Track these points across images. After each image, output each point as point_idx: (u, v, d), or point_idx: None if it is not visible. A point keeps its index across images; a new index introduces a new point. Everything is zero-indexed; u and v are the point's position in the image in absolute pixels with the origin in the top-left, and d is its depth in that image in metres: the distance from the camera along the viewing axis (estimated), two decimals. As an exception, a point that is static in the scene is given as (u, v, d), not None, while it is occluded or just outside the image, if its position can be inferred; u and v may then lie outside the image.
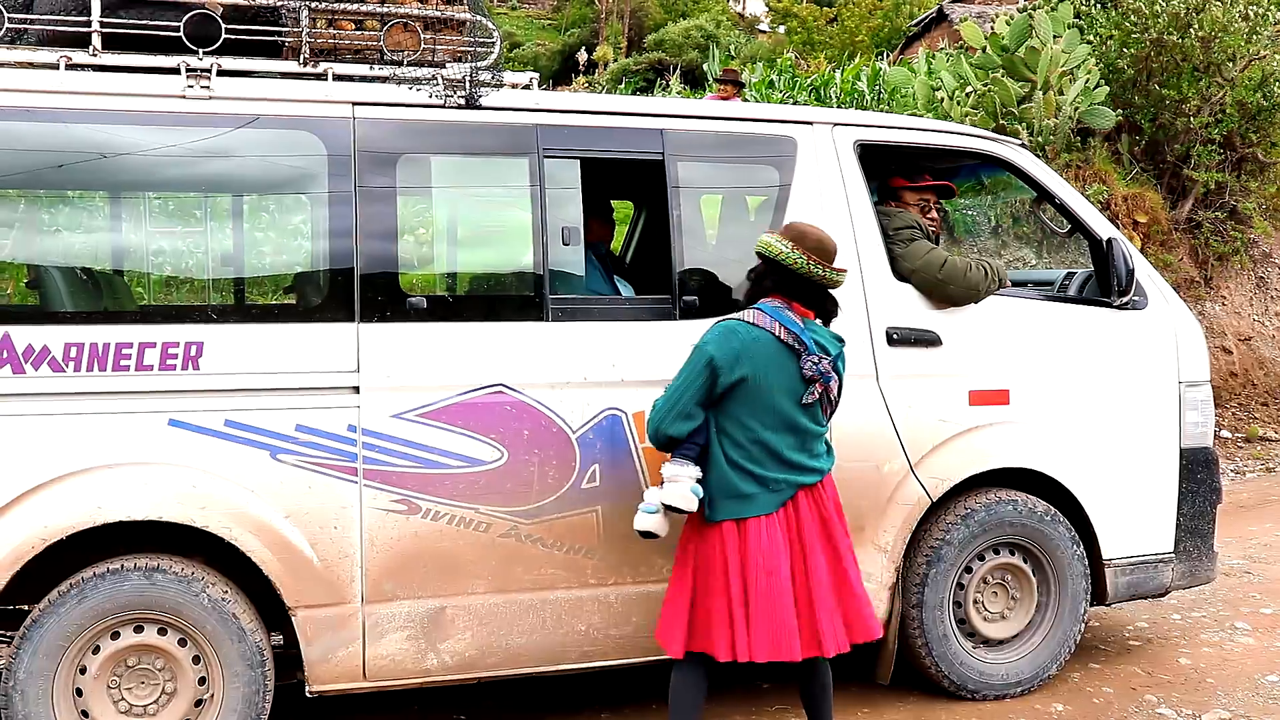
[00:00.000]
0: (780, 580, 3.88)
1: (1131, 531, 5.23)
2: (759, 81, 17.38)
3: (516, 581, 4.37)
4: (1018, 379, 5.01)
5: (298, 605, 4.17)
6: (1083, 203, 5.31)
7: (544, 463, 4.35)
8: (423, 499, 4.23)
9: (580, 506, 4.38)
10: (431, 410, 4.25)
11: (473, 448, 4.28)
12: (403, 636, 4.27)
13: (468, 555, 4.30)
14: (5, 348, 3.89)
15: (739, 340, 3.88)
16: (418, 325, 4.27)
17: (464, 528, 4.28)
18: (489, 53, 4.43)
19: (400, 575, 4.24)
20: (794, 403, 3.92)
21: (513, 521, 4.33)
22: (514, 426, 4.32)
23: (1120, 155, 12.29)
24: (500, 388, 4.32)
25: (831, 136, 4.86)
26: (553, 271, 4.46)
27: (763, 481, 3.91)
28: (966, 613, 5.04)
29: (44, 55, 4.17)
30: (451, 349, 4.29)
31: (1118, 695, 5.18)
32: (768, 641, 3.88)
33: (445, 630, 4.31)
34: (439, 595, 4.29)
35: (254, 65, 4.30)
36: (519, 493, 4.33)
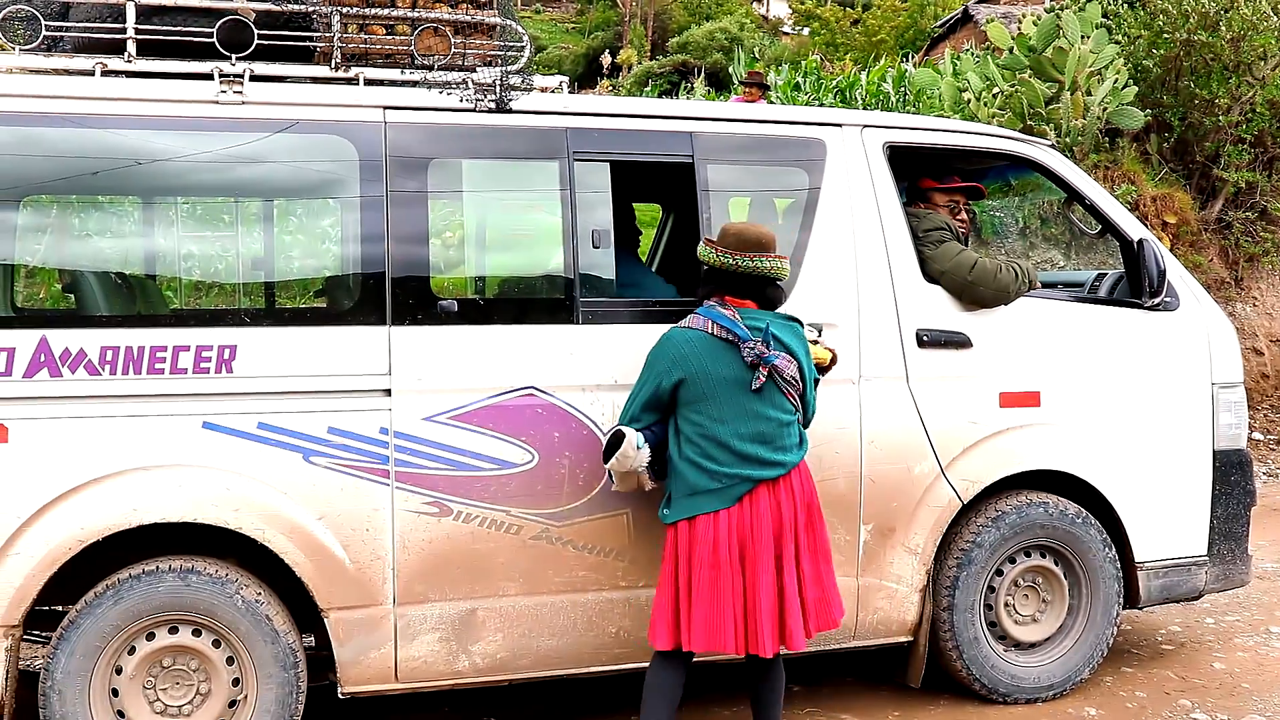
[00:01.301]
0: (721, 574, 3.95)
1: (1164, 534, 5.19)
2: (785, 84, 17.35)
3: (547, 583, 4.38)
4: (1049, 381, 4.98)
5: (330, 607, 4.19)
6: (1113, 203, 5.29)
7: (575, 465, 4.36)
8: (454, 501, 4.25)
9: (611, 509, 4.39)
10: (462, 413, 4.27)
11: (504, 450, 4.29)
12: (434, 638, 4.28)
13: (499, 557, 4.31)
14: (43, 351, 3.93)
15: (672, 345, 4.05)
16: (449, 328, 4.29)
17: (495, 530, 4.29)
18: (519, 57, 4.45)
19: (432, 577, 4.26)
20: (744, 391, 4.00)
21: (544, 524, 4.34)
22: (544, 429, 4.33)
23: (1149, 155, 12.20)
24: (531, 390, 4.33)
25: (860, 138, 4.86)
26: (583, 274, 4.46)
27: (715, 476, 3.98)
28: (997, 615, 5.02)
29: (80, 62, 4.21)
30: (482, 351, 4.31)
31: (1151, 700, 5.14)
32: (703, 631, 3.96)
33: (476, 632, 4.33)
34: (470, 597, 4.31)
35: (286, 70, 4.33)
36: (550, 495, 4.34)
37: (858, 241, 4.76)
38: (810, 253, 4.70)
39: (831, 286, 4.70)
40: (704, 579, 3.96)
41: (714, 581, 3.95)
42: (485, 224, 5.29)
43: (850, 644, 4.81)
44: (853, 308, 4.71)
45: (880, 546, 4.76)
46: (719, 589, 3.95)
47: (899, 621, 4.84)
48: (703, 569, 3.96)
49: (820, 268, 4.70)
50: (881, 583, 4.78)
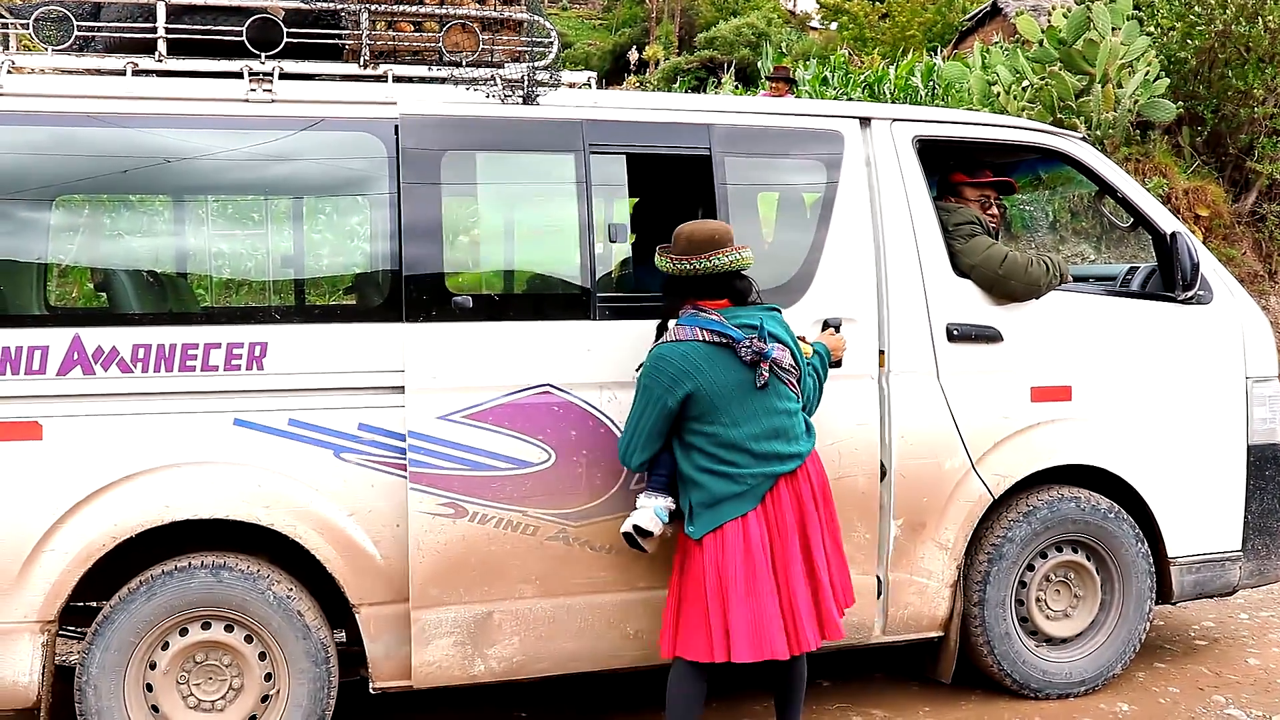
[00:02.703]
0: (759, 579, 3.89)
1: (1198, 529, 5.15)
2: (813, 78, 17.31)
3: (565, 585, 4.34)
4: (1080, 375, 4.95)
5: (361, 603, 4.21)
6: (1145, 196, 5.24)
7: (592, 464, 4.31)
8: (470, 502, 4.20)
9: (629, 508, 4.27)
10: (478, 411, 4.22)
11: (520, 449, 4.25)
12: (449, 642, 4.25)
13: (515, 559, 4.27)
14: (76, 349, 3.97)
15: (671, 363, 3.92)
16: (463, 325, 4.24)
17: (511, 531, 4.25)
18: (546, 52, 4.45)
19: (447, 580, 4.21)
20: (751, 391, 3.94)
21: (561, 524, 4.29)
22: (561, 427, 4.28)
23: (1180, 148, 12.09)
24: (547, 388, 4.28)
25: (890, 132, 4.83)
26: (599, 269, 4.41)
27: (738, 479, 3.92)
28: (1029, 611, 4.99)
29: (111, 62, 4.25)
30: (498, 349, 4.26)
31: (1184, 695, 5.10)
32: (749, 641, 3.87)
33: (492, 635, 4.29)
34: (486, 600, 4.27)
35: (315, 68, 4.35)
36: (567, 495, 4.29)
37: (887, 235, 4.74)
38: (829, 247, 4.66)
39: (850, 280, 4.66)
40: (740, 587, 3.87)
41: (751, 589, 3.88)
42: (501, 219, 5.26)
43: (881, 639, 4.80)
44: (872, 302, 4.67)
45: (911, 542, 4.74)
46: (759, 595, 3.88)
47: (930, 617, 4.82)
48: (738, 576, 3.88)
49: (838, 262, 4.66)
50: (912, 578, 4.76)
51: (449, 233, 4.34)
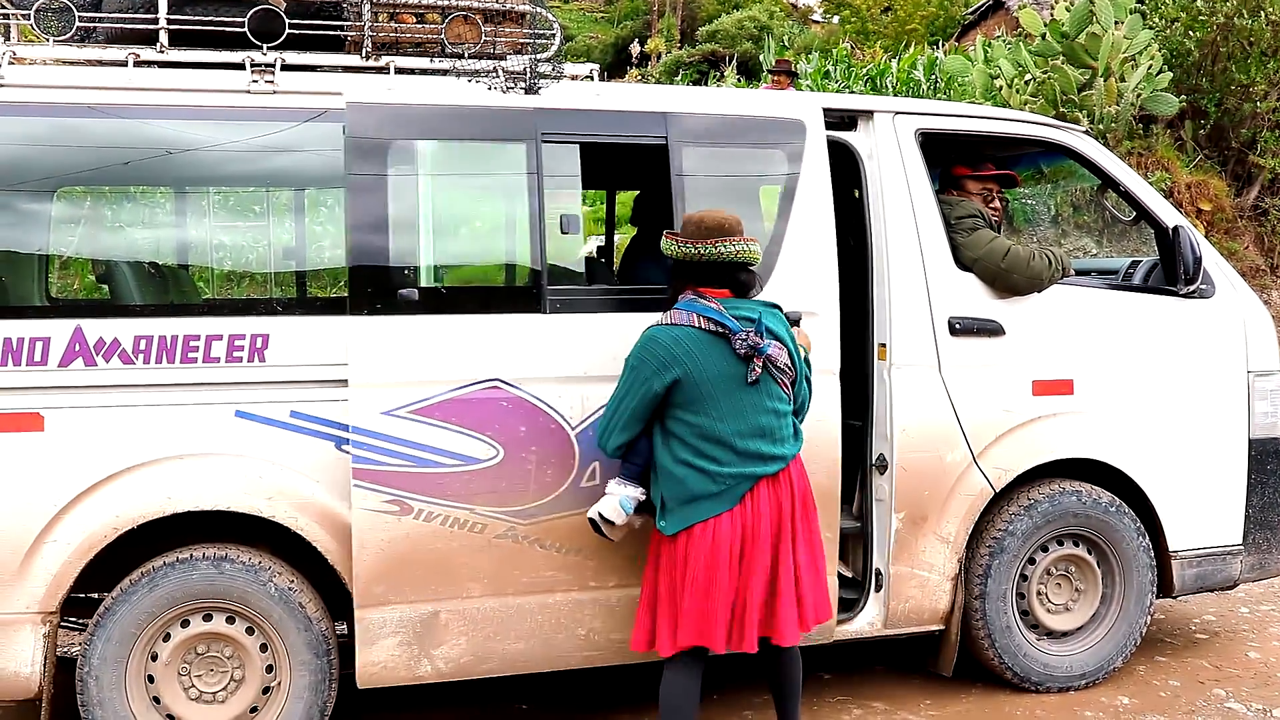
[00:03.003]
0: (718, 573, 3.80)
1: (1199, 523, 5.15)
2: (815, 71, 17.29)
3: (514, 584, 4.25)
4: (1082, 369, 4.94)
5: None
6: (1148, 190, 5.24)
7: (542, 461, 4.21)
8: (415, 499, 4.10)
9: (580, 506, 4.20)
10: (424, 406, 4.12)
11: (467, 445, 4.14)
12: (395, 643, 4.18)
13: (463, 557, 4.18)
14: (77, 341, 3.97)
15: (661, 346, 3.83)
16: (409, 318, 4.14)
17: (459, 529, 4.16)
18: (549, 44, 4.44)
19: (392, 578, 4.13)
20: (741, 385, 3.84)
21: (509, 522, 4.20)
22: (510, 423, 4.18)
23: (1183, 142, 12.08)
24: (496, 383, 4.18)
25: (893, 125, 4.82)
26: (551, 262, 4.33)
27: (716, 478, 3.81)
28: (1030, 604, 4.99)
29: (113, 53, 4.24)
30: (445, 343, 4.16)
31: (1185, 689, 5.10)
32: (693, 626, 3.83)
33: (439, 635, 4.21)
34: (433, 599, 4.19)
35: (318, 59, 4.34)
36: (516, 492, 4.19)
37: (889, 229, 4.73)
38: (789, 239, 4.55)
39: (811, 274, 4.55)
40: (699, 578, 3.81)
41: (710, 581, 3.80)
42: (450, 209, 5.03)
43: (882, 632, 4.80)
44: (833, 295, 4.55)
45: (912, 535, 4.74)
46: (714, 587, 3.80)
47: (931, 610, 4.82)
48: (698, 569, 3.81)
49: (799, 254, 4.55)
50: (913, 571, 4.76)
51: (395, 224, 4.21)
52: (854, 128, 4.84)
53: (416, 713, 4.88)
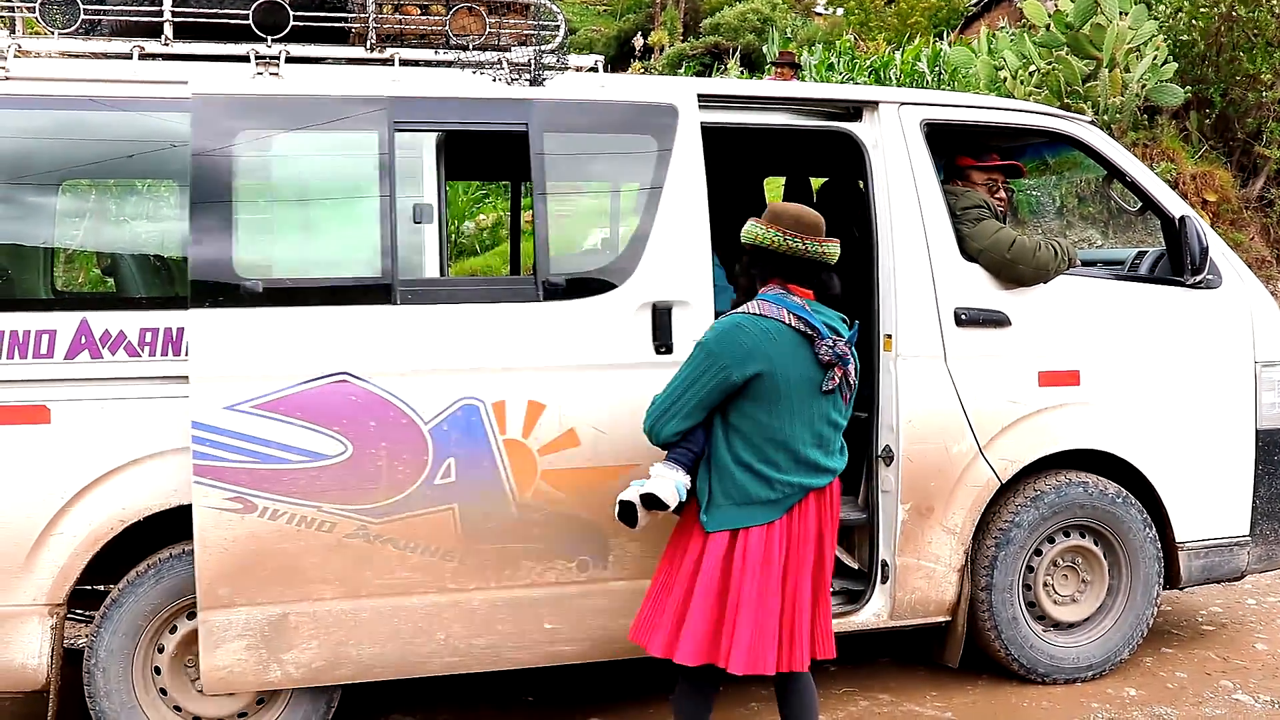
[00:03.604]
0: (769, 592, 3.63)
1: (1206, 514, 5.14)
2: (818, 64, 17.25)
3: (367, 586, 4.09)
4: (1088, 360, 4.93)
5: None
6: (1154, 180, 5.22)
7: (393, 457, 4.04)
8: (259, 497, 3.94)
9: (434, 504, 4.07)
10: (268, 401, 3.96)
11: (314, 441, 3.98)
12: (241, 646, 4.01)
13: (311, 557, 4.02)
14: (83, 333, 3.97)
15: (748, 335, 3.61)
16: (253, 310, 3.99)
17: (306, 527, 3.99)
18: (553, 36, 4.43)
19: (237, 579, 3.97)
20: (815, 392, 3.65)
21: (360, 520, 4.03)
22: (359, 418, 4.02)
23: (1188, 133, 12.05)
24: (344, 376, 4.02)
25: (898, 116, 4.81)
26: (402, 252, 4.21)
27: (774, 485, 3.63)
28: (1036, 596, 4.99)
29: (117, 45, 4.23)
30: (291, 335, 4.01)
31: (1192, 680, 5.10)
32: (745, 655, 3.61)
33: (289, 639, 4.05)
34: (281, 601, 4.03)
35: (322, 52, 4.33)
36: (366, 489, 4.03)
37: (895, 219, 4.72)
38: (659, 226, 4.37)
39: (682, 261, 4.38)
40: (752, 597, 3.60)
41: (762, 601, 3.61)
42: (299, 200, 4.77)
43: (888, 624, 4.79)
44: (705, 284, 4.39)
45: (918, 526, 4.73)
46: (766, 609, 3.62)
47: (937, 601, 4.81)
48: (753, 587, 3.61)
49: (670, 241, 4.37)
50: (919, 562, 4.75)
51: (241, 215, 4.09)
52: (859, 118, 4.82)
53: (424, 708, 4.88)
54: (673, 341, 4.30)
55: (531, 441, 4.16)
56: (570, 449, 4.20)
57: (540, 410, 4.17)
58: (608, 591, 4.30)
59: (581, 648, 4.32)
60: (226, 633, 4.00)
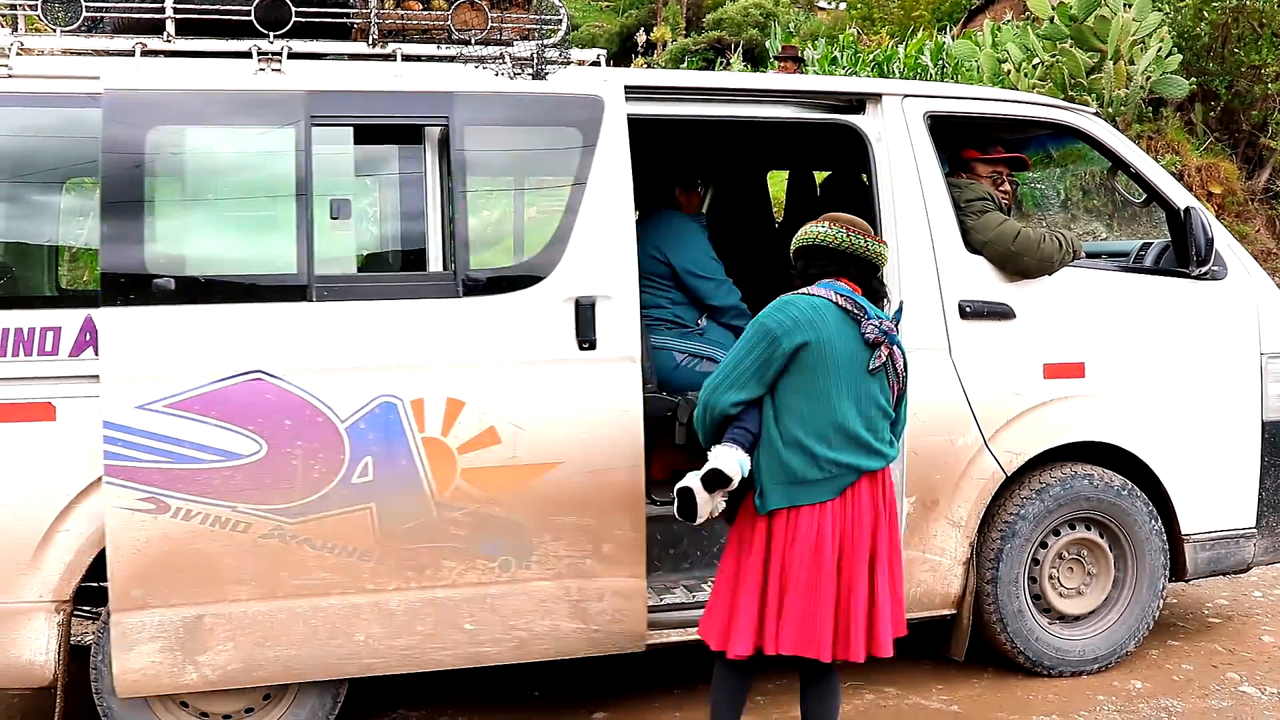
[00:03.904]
0: (823, 574, 3.63)
1: (1212, 506, 5.13)
2: (821, 58, 17.23)
3: (284, 587, 4.01)
4: (1093, 352, 4.92)
5: None
6: (1159, 172, 5.21)
7: (309, 456, 3.97)
8: (172, 497, 3.88)
9: (351, 503, 4.01)
10: (181, 400, 3.89)
11: (228, 440, 3.92)
12: (155, 649, 3.94)
13: (227, 558, 3.95)
14: (88, 331, 3.96)
15: (796, 308, 3.69)
16: (165, 309, 3.93)
17: (221, 528, 3.92)
18: (556, 30, 4.43)
19: (150, 581, 3.90)
20: (862, 372, 3.68)
21: (276, 521, 3.96)
22: (274, 416, 3.95)
23: (1193, 125, 12.03)
24: (259, 375, 3.96)
25: (901, 108, 4.80)
26: (319, 249, 4.10)
27: (822, 463, 3.64)
28: (1042, 588, 4.98)
29: (119, 42, 4.23)
30: (204, 334, 3.95)
31: (1198, 673, 5.09)
32: (796, 635, 3.64)
33: (205, 641, 3.97)
34: (196, 603, 3.95)
35: (324, 48, 4.33)
36: (281, 489, 3.96)
37: (899, 212, 4.71)
38: (582, 220, 4.30)
39: (606, 256, 4.31)
40: (803, 578, 3.62)
41: (814, 582, 3.62)
42: (214, 196, 4.59)
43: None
44: (630, 277, 4.34)
45: (923, 519, 4.73)
46: (819, 590, 3.62)
47: (942, 594, 4.81)
48: (802, 567, 3.62)
49: (593, 236, 4.31)
50: (925, 555, 4.75)
51: (153, 211, 4.04)
52: (862, 111, 4.81)
53: (430, 703, 4.89)
54: (596, 337, 4.23)
55: (451, 439, 4.08)
56: (491, 447, 4.12)
57: (460, 408, 4.09)
58: (530, 592, 4.21)
59: (504, 649, 4.22)
60: (140, 635, 3.93)
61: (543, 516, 4.18)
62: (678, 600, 4.66)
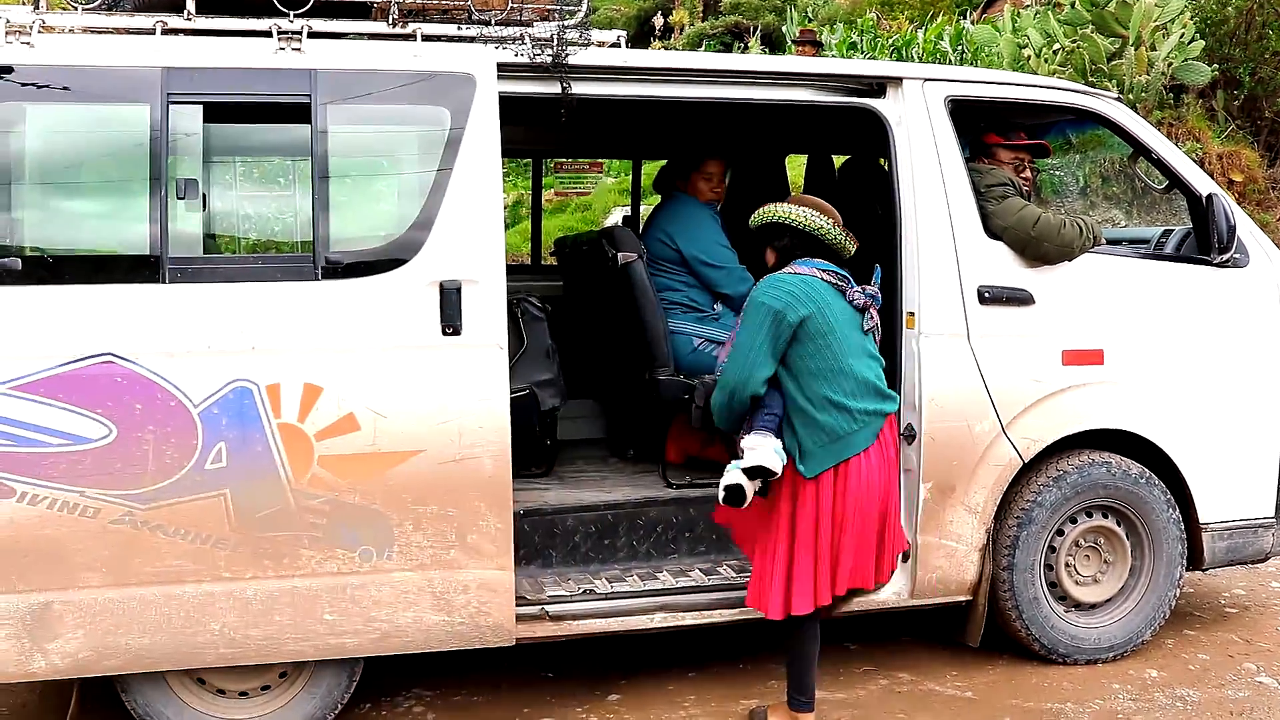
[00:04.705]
0: (873, 514, 4.06)
1: (1230, 495, 5.11)
2: (840, 42, 17.14)
3: (136, 574, 3.91)
4: (1113, 339, 4.89)
5: None
6: (1181, 158, 5.17)
7: (160, 441, 3.87)
8: (17, 481, 3.78)
9: (205, 490, 3.91)
10: (26, 383, 3.80)
11: (76, 424, 3.82)
12: (1, 635, 3.86)
13: (75, 544, 3.85)
14: None
15: (789, 284, 4.00)
16: (9, 289, 3.84)
17: (68, 513, 3.83)
18: (576, 11, 4.41)
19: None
20: (859, 330, 4.09)
21: (126, 506, 3.86)
22: (124, 400, 3.85)
23: (1215, 112, 11.93)
24: (109, 357, 3.85)
25: (922, 92, 4.77)
26: (173, 229, 3.98)
27: (857, 415, 3.99)
28: (1058, 576, 4.97)
29: (140, 20, 4.23)
30: (51, 315, 3.85)
31: (1214, 662, 5.07)
32: (851, 573, 4.07)
33: (53, 628, 3.88)
34: (44, 589, 3.86)
35: (344, 27, 4.32)
36: (131, 474, 3.86)
37: (918, 196, 4.68)
38: (450, 198, 4.19)
39: (473, 239, 4.20)
40: (857, 522, 4.02)
41: (867, 523, 4.04)
42: (64, 175, 4.37)
43: (909, 603, 4.78)
44: (499, 262, 4.23)
45: (940, 505, 4.71)
46: (869, 528, 4.06)
47: (958, 581, 4.80)
48: (857, 512, 4.01)
49: (460, 218, 4.20)
50: (941, 541, 4.74)
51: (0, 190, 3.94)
52: (883, 95, 4.78)
53: (444, 684, 4.91)
54: (461, 323, 4.13)
55: (308, 426, 3.97)
56: (349, 434, 4.02)
57: (317, 393, 3.99)
58: (391, 583, 4.12)
59: (365, 640, 4.14)
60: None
61: (404, 506, 4.07)
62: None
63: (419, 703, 4.74)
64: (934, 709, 4.64)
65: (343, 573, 4.08)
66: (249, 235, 4.53)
